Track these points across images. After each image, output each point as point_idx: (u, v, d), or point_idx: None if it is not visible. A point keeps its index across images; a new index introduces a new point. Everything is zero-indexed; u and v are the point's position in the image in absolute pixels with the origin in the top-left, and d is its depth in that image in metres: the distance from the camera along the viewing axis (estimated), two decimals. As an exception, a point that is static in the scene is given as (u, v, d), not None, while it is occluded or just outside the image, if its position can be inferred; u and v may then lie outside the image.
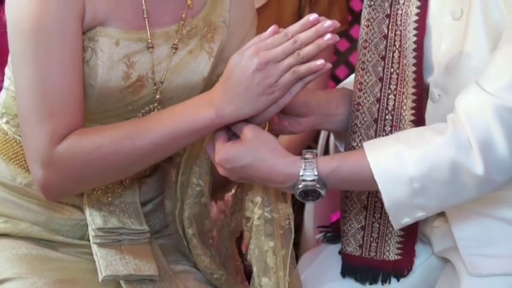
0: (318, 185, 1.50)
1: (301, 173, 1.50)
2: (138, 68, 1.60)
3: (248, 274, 1.65)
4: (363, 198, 1.75)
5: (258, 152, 1.50)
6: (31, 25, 1.51)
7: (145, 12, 1.61)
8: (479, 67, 1.56)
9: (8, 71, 1.68)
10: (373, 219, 1.73)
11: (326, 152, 2.21)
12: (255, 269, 1.58)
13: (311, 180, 1.50)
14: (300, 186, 1.50)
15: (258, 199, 1.58)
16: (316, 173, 1.50)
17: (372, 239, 1.72)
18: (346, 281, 1.77)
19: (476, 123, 1.46)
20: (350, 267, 1.75)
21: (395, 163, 1.50)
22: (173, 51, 1.64)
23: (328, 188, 1.53)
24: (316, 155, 1.54)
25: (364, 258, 1.73)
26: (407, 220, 1.56)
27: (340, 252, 1.81)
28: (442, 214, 1.70)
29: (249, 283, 1.62)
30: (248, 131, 1.50)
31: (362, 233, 1.73)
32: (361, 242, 1.73)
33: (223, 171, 1.53)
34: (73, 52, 1.53)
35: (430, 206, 1.54)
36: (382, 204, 1.63)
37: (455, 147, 1.47)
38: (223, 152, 1.50)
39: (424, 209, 1.54)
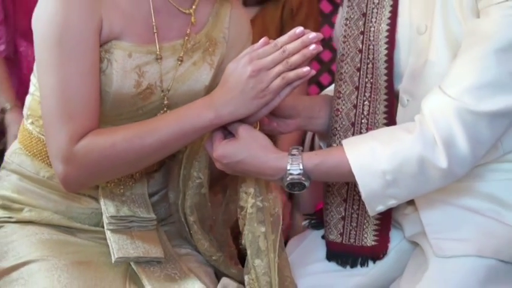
0: (303, 178, 1.50)
1: (288, 167, 1.50)
2: (148, 77, 1.60)
3: (242, 258, 1.65)
4: (342, 192, 1.74)
5: (251, 149, 1.51)
6: (56, 38, 1.51)
7: (154, 28, 1.61)
8: (442, 74, 1.57)
9: (33, 78, 1.67)
10: (352, 211, 1.74)
11: (312, 150, 2.21)
12: (249, 252, 1.59)
13: (297, 174, 1.50)
14: (288, 179, 1.50)
15: (251, 190, 1.59)
16: (301, 167, 1.50)
17: (351, 228, 1.72)
18: (327, 262, 1.77)
19: (440, 123, 1.47)
20: (332, 253, 1.74)
21: (370, 158, 1.50)
22: (179, 62, 1.65)
23: (312, 180, 1.52)
24: (302, 151, 1.53)
25: (345, 245, 1.73)
26: (380, 208, 1.57)
27: (323, 237, 1.81)
28: (412, 203, 1.70)
29: (243, 266, 1.62)
30: (242, 130, 1.51)
31: (342, 222, 1.73)
32: (341, 230, 1.73)
33: (221, 166, 1.53)
34: (92, 62, 1.53)
35: (400, 196, 1.55)
36: (360, 197, 1.63)
37: (422, 144, 1.48)
38: (220, 149, 1.51)
39: (395, 198, 1.55)
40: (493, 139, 1.54)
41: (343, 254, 1.74)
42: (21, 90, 2.17)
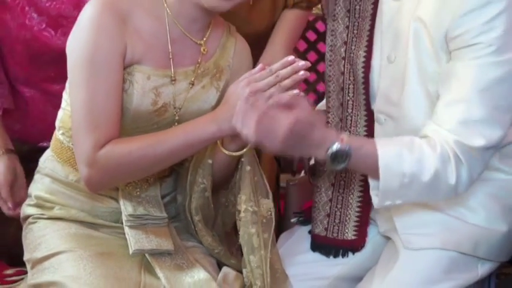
0: (347, 150, 1.47)
1: (341, 135, 1.50)
2: (163, 97, 1.60)
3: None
4: (329, 193, 1.74)
5: (317, 121, 1.50)
6: (87, 60, 1.53)
7: (171, 55, 1.61)
8: (416, 101, 1.60)
9: (65, 94, 1.68)
10: (336, 209, 1.74)
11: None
12: (244, 250, 1.59)
13: (343, 144, 1.47)
14: (334, 147, 1.47)
15: (245, 197, 1.59)
16: (347, 140, 1.48)
17: (334, 224, 1.73)
18: (313, 253, 1.77)
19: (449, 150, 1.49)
20: (318, 244, 1.74)
21: (396, 159, 1.50)
22: (190, 85, 1.64)
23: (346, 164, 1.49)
24: None
25: (328, 238, 1.73)
26: (388, 203, 1.56)
27: (310, 232, 1.80)
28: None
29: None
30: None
31: (327, 219, 1.73)
32: (326, 226, 1.73)
33: (288, 132, 1.44)
34: (116, 82, 1.55)
35: (409, 198, 1.55)
36: (343, 197, 1.69)
37: (440, 161, 1.48)
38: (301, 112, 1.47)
39: (404, 198, 1.55)
40: (484, 166, 1.55)
41: (326, 246, 1.73)
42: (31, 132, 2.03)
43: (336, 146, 1.48)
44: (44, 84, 1.80)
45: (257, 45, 2.01)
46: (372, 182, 1.56)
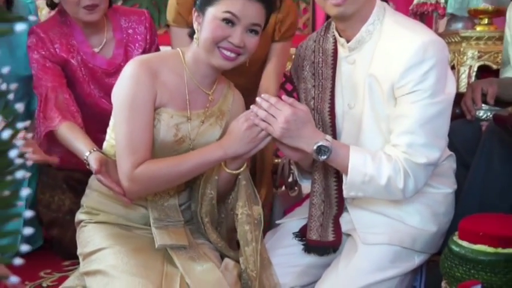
0: (330, 147, 1.52)
1: (324, 137, 1.54)
2: (181, 131, 1.63)
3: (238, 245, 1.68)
4: (322, 208, 1.72)
5: (310, 119, 1.55)
6: (128, 104, 1.56)
7: (188, 101, 1.63)
8: (372, 138, 1.63)
9: (109, 130, 1.70)
10: (326, 222, 1.73)
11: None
12: (241, 243, 1.62)
13: (327, 142, 1.53)
14: (320, 143, 1.52)
15: (241, 203, 1.63)
16: (330, 141, 1.54)
17: (321, 229, 1.71)
18: (293, 247, 1.74)
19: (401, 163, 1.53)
20: (311, 247, 1.71)
21: (362, 162, 1.53)
22: (201, 123, 1.66)
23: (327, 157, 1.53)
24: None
25: (318, 241, 1.70)
26: (352, 194, 1.59)
27: (297, 237, 1.77)
28: (347, 210, 1.73)
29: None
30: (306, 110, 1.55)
31: (320, 228, 1.71)
32: (319, 232, 1.71)
33: (285, 123, 1.50)
34: (149, 120, 1.57)
35: (367, 193, 1.58)
36: (330, 213, 1.70)
37: (393, 171, 1.52)
38: (298, 107, 1.53)
39: (364, 192, 1.58)
40: (427, 178, 1.58)
41: (316, 247, 1.71)
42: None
43: (322, 142, 1.52)
44: (95, 132, 1.87)
45: (257, 68, 2.04)
46: (344, 178, 1.58)
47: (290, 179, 2.20)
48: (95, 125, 1.91)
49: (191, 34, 1.66)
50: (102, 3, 1.95)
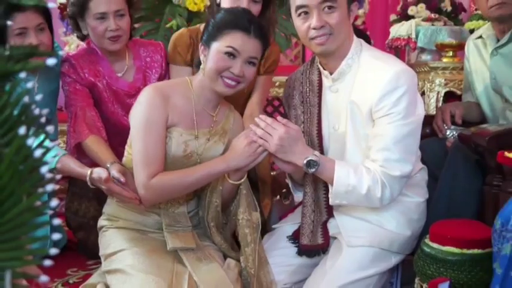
0: (316, 162, 1.53)
1: (313, 153, 1.55)
2: (190, 148, 1.62)
3: (238, 246, 1.67)
4: (312, 217, 1.71)
5: (301, 137, 1.57)
6: (143, 123, 1.56)
7: (195, 121, 1.63)
8: (354, 155, 1.63)
9: (127, 147, 1.70)
10: (315, 229, 1.71)
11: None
12: (242, 244, 1.61)
13: (316, 157, 1.54)
14: (310, 157, 1.53)
15: (242, 209, 1.63)
16: (318, 156, 1.55)
17: (311, 235, 1.69)
18: (287, 249, 1.71)
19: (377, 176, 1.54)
20: (303, 250, 1.69)
21: (346, 174, 1.54)
22: (207, 141, 1.66)
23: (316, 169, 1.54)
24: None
25: (309, 245, 1.69)
26: (337, 201, 1.59)
27: (291, 240, 1.75)
28: (333, 216, 1.71)
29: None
30: (298, 130, 1.57)
31: (311, 234, 1.69)
32: (310, 237, 1.69)
33: (279, 140, 1.52)
34: (161, 138, 1.57)
35: (350, 201, 1.58)
36: (319, 220, 1.69)
37: (372, 181, 1.53)
38: (291, 128, 1.55)
39: (347, 201, 1.58)
40: (401, 188, 1.59)
41: (308, 250, 1.69)
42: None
43: (311, 157, 1.54)
44: (117, 146, 1.87)
45: (245, 98, 2.05)
46: (330, 188, 1.58)
47: (284, 190, 2.20)
48: (117, 139, 1.92)
49: (198, 65, 1.67)
50: (124, 35, 1.98)
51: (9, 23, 1.66)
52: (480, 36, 2.16)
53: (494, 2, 1.94)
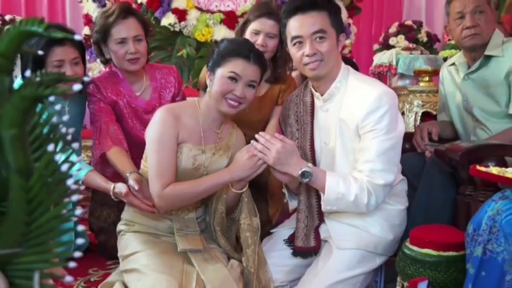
0: (311, 172, 1.53)
1: (307, 165, 1.55)
2: (198, 161, 1.62)
3: (240, 249, 1.65)
4: (306, 222, 1.69)
5: (296, 151, 1.57)
6: (157, 140, 1.56)
7: (202, 138, 1.62)
8: (341, 165, 1.62)
9: (143, 161, 1.70)
10: (309, 232, 1.69)
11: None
12: (243, 246, 1.60)
13: (309, 168, 1.54)
14: (304, 169, 1.53)
15: (244, 215, 1.62)
16: (311, 167, 1.54)
17: (305, 238, 1.68)
18: (284, 251, 1.70)
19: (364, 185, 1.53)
20: (298, 252, 1.68)
21: (335, 183, 1.53)
22: (212, 155, 1.65)
23: (309, 179, 1.54)
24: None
25: (303, 247, 1.67)
26: (328, 208, 1.58)
27: (287, 243, 1.73)
28: (324, 222, 1.69)
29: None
30: (293, 144, 1.57)
31: (305, 237, 1.68)
32: (304, 240, 1.67)
33: (276, 153, 1.51)
34: (173, 152, 1.57)
35: (340, 207, 1.57)
36: (312, 225, 1.67)
37: (359, 190, 1.53)
38: (287, 142, 1.55)
39: (338, 207, 1.57)
40: (384, 196, 1.58)
41: (302, 251, 1.67)
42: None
43: (305, 168, 1.53)
44: (136, 158, 1.86)
45: (265, 124, 2.07)
46: (322, 196, 1.58)
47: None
48: (136, 151, 1.91)
49: (204, 88, 1.68)
50: (141, 57, 2.00)
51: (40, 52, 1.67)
52: (453, 64, 2.17)
53: (467, 33, 1.95)
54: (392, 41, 3.70)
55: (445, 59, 3.13)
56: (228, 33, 2.92)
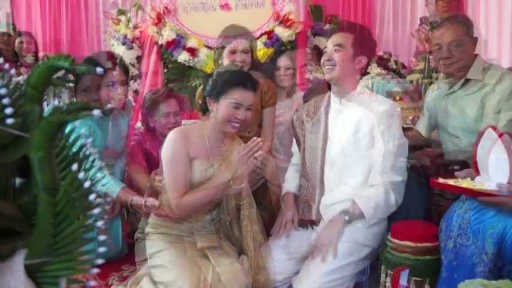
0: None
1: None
2: (208, 173, 1.55)
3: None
4: (303, 200, 1.63)
5: None
6: (171, 159, 1.52)
7: (210, 154, 1.57)
8: (356, 168, 1.57)
9: (155, 175, 1.70)
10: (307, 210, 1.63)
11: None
12: (248, 242, 1.56)
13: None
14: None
15: (245, 222, 1.57)
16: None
17: (307, 211, 1.62)
18: (284, 246, 1.60)
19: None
20: (301, 224, 1.62)
21: (367, 202, 1.51)
22: (219, 165, 1.57)
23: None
24: None
25: (304, 219, 1.62)
26: (371, 213, 1.52)
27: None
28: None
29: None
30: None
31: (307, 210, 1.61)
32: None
33: None
34: (186, 169, 1.52)
35: (379, 217, 1.53)
36: (309, 207, 1.61)
37: (385, 193, 1.51)
38: None
39: (375, 216, 1.52)
40: (403, 192, 1.55)
41: (302, 222, 1.62)
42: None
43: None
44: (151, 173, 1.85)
45: (255, 131, 2.01)
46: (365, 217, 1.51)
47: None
48: (152, 169, 1.92)
49: (204, 111, 1.65)
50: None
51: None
52: (437, 85, 2.06)
53: (443, 62, 1.82)
54: (369, 69, 3.68)
55: (411, 82, 3.10)
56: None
